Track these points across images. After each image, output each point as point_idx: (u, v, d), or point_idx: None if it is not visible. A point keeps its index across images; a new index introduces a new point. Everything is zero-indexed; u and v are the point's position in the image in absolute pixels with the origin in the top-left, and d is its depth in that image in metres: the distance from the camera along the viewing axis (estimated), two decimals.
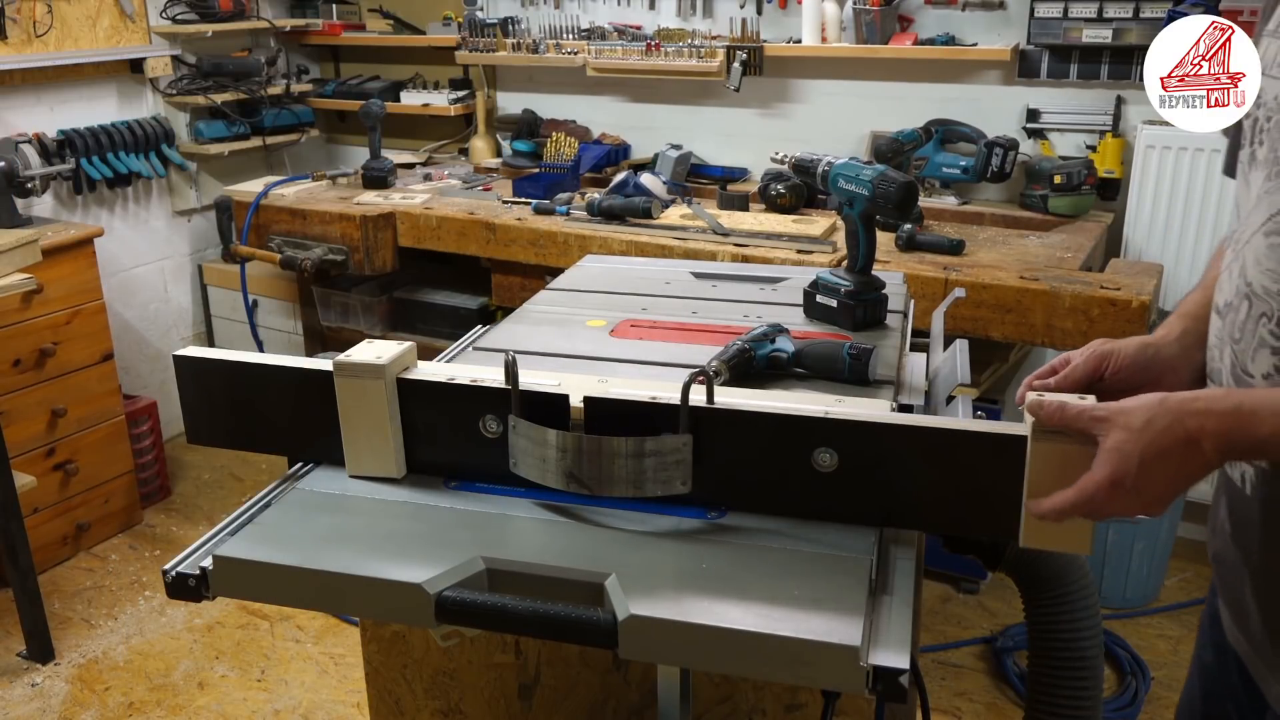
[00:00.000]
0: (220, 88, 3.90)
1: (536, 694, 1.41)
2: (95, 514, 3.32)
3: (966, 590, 2.97)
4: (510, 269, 3.16)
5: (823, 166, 1.64)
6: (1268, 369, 0.97)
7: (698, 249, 2.78)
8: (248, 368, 1.23)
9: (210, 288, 4.08)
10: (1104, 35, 2.91)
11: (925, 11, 3.21)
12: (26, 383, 3.06)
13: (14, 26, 3.30)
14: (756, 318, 1.64)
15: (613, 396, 1.12)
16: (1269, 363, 0.97)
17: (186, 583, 1.05)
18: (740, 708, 1.33)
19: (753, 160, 3.57)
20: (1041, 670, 1.27)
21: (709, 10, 3.55)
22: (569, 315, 1.70)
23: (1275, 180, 0.95)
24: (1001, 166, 2.97)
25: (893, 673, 0.87)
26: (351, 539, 1.09)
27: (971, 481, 1.03)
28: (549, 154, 3.71)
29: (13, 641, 2.82)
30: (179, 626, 2.91)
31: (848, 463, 1.05)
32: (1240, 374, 1.01)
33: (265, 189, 3.53)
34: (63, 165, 3.34)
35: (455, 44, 3.88)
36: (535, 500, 1.14)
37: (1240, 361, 1.01)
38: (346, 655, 2.76)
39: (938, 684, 2.60)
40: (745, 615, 0.92)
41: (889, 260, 2.60)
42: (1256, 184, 0.99)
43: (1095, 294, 2.35)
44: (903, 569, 1.03)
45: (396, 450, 1.19)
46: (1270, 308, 0.96)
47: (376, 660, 1.49)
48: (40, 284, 2.84)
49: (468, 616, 0.97)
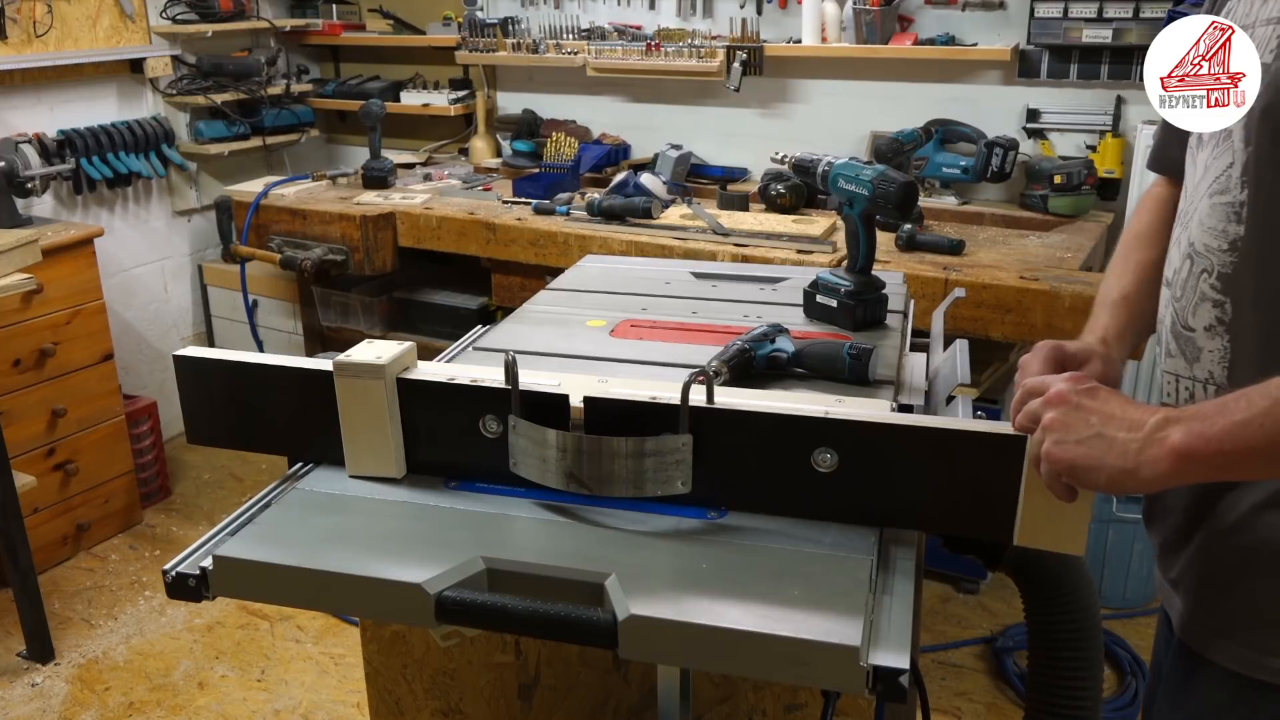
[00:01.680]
0: (220, 88, 3.91)
1: (536, 694, 1.41)
2: (95, 514, 3.32)
3: (966, 590, 2.97)
4: (510, 269, 3.16)
5: (823, 166, 1.64)
6: (1209, 320, 1.02)
7: (698, 249, 2.78)
8: (248, 368, 1.23)
9: (210, 288, 4.07)
10: (1104, 35, 2.91)
11: (925, 11, 3.21)
12: (26, 383, 3.06)
13: (14, 26, 3.29)
14: (756, 318, 1.64)
15: (613, 396, 1.12)
16: (1210, 315, 1.02)
17: (186, 583, 1.05)
18: (740, 708, 1.33)
19: (753, 160, 3.57)
20: (1041, 670, 1.27)
21: (709, 10, 3.55)
22: (569, 315, 1.70)
23: (1219, 148, 1.00)
24: (1001, 166, 2.97)
25: (893, 673, 0.87)
26: (351, 539, 1.09)
27: (971, 481, 1.03)
28: (549, 154, 3.71)
29: (13, 641, 2.82)
30: (179, 626, 2.91)
31: (848, 463, 1.05)
32: (1180, 330, 1.06)
33: (265, 189, 3.53)
34: (63, 165, 3.34)
35: (455, 44, 3.88)
36: (535, 500, 1.14)
37: (1181, 318, 1.05)
38: (346, 655, 2.76)
39: (938, 684, 2.60)
40: (745, 615, 0.92)
41: (889, 260, 2.60)
42: (1203, 160, 1.04)
43: (1095, 294, 2.34)
44: (903, 569, 1.03)
45: (396, 450, 1.19)
46: (1210, 263, 1.01)
47: (376, 660, 1.49)
48: (40, 284, 2.84)
49: (468, 616, 0.97)
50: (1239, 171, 0.97)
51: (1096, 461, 0.90)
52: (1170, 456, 0.86)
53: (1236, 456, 0.85)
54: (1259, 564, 1.00)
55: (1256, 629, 1.01)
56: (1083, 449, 0.91)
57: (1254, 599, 1.01)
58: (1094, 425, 0.91)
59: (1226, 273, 1.00)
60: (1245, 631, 1.02)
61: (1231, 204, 0.98)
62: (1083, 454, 0.91)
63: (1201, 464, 0.86)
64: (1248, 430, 0.84)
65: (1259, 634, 1.01)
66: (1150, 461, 0.87)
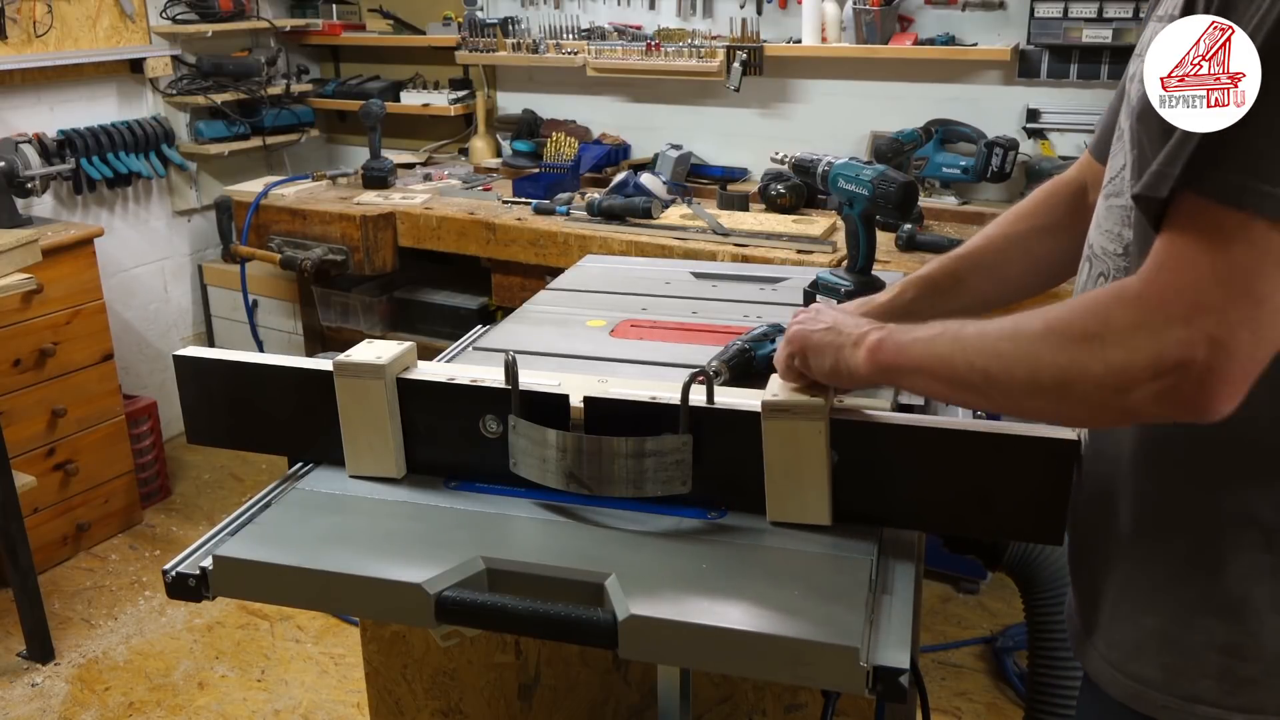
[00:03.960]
0: (220, 88, 3.90)
1: (536, 694, 1.41)
2: (95, 514, 3.32)
3: (966, 590, 2.97)
4: (510, 269, 3.16)
5: (823, 166, 1.64)
6: None
7: (698, 249, 2.78)
8: (248, 368, 1.23)
9: (210, 288, 4.07)
10: (1104, 35, 2.90)
11: (925, 11, 3.21)
12: (26, 383, 3.06)
13: (14, 26, 3.29)
14: (756, 318, 1.65)
15: (613, 396, 1.12)
16: None
17: (186, 583, 1.05)
18: (740, 708, 1.33)
19: (753, 160, 3.57)
20: (1041, 670, 1.27)
21: (709, 10, 3.55)
22: (569, 315, 1.70)
23: (1115, 147, 0.99)
24: (1001, 166, 2.97)
25: (893, 673, 0.87)
26: (351, 539, 1.09)
27: (971, 481, 1.03)
28: (549, 154, 3.70)
29: (13, 641, 2.82)
30: (179, 626, 2.91)
31: (848, 463, 1.05)
32: None
33: (265, 189, 3.53)
34: (63, 165, 3.34)
35: (455, 44, 3.87)
36: (535, 500, 1.14)
37: None
38: (346, 655, 2.76)
39: (938, 684, 2.60)
40: (745, 615, 0.92)
41: (889, 260, 2.60)
42: (1110, 159, 1.03)
43: None
44: (903, 569, 1.03)
45: (396, 450, 1.19)
46: (1106, 267, 0.99)
47: (376, 660, 1.49)
48: (40, 284, 2.84)
49: (468, 616, 0.97)
50: (1129, 174, 0.94)
51: (824, 348, 1.04)
52: (867, 355, 0.99)
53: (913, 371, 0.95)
54: (1137, 598, 0.96)
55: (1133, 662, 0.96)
56: (816, 336, 1.06)
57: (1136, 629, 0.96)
58: (828, 323, 1.07)
59: (1119, 277, 0.97)
60: (1128, 664, 0.96)
61: (1124, 207, 0.96)
62: (816, 340, 1.05)
63: (888, 369, 0.98)
64: (929, 349, 0.93)
65: (1136, 666, 0.95)
66: (854, 358, 1.00)
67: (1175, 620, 0.92)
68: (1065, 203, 1.24)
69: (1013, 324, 0.87)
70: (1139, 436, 0.94)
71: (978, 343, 0.89)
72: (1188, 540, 0.91)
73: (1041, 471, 1.00)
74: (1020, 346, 0.85)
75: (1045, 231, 1.25)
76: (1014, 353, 0.86)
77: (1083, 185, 1.24)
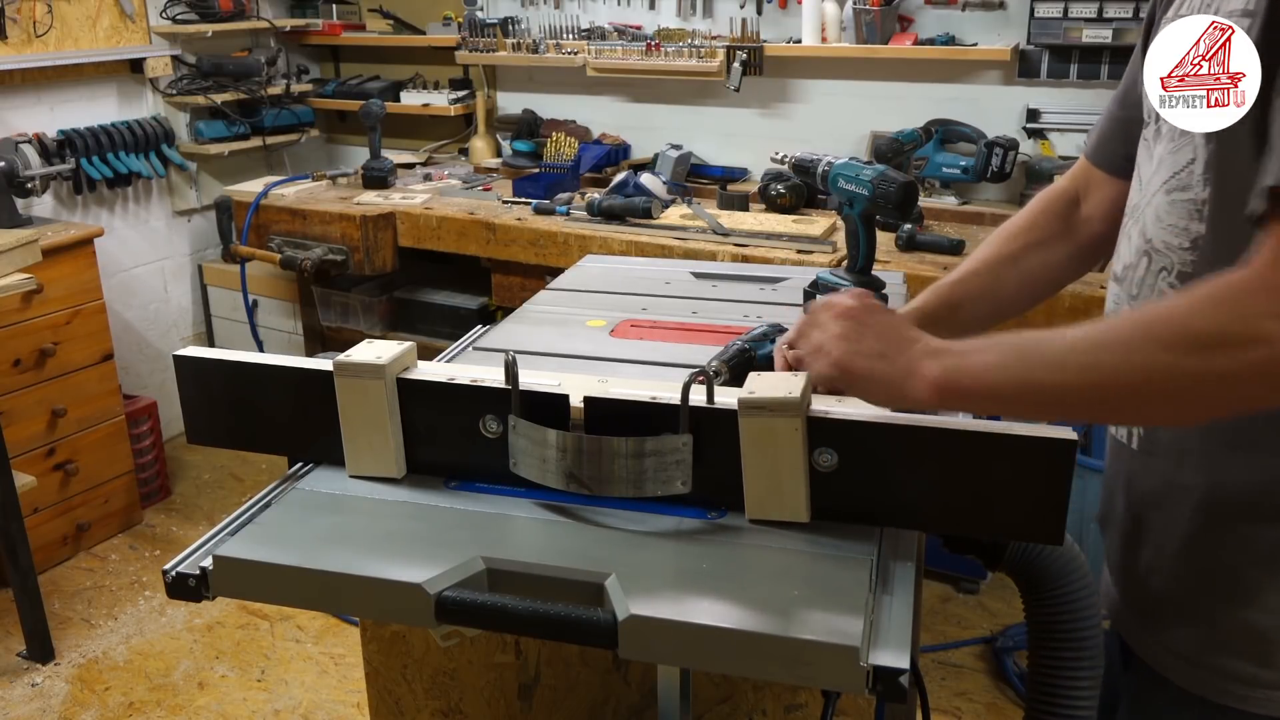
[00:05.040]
0: (220, 88, 3.91)
1: (536, 694, 1.41)
2: (95, 514, 3.32)
3: (966, 590, 2.97)
4: (510, 269, 3.16)
5: (823, 166, 1.64)
6: None
7: (698, 249, 2.78)
8: (248, 368, 1.23)
9: (210, 288, 4.08)
10: (1104, 35, 2.90)
11: (925, 11, 3.21)
12: (26, 383, 3.06)
13: (14, 26, 3.30)
14: (756, 318, 1.65)
15: (613, 396, 1.12)
16: None
17: (186, 583, 1.05)
18: (740, 708, 1.33)
19: (753, 160, 3.57)
20: (1041, 670, 1.27)
21: (709, 10, 3.55)
22: (569, 315, 1.70)
23: (1176, 143, 0.99)
24: (1001, 166, 2.97)
25: (893, 673, 0.87)
26: (351, 539, 1.09)
27: (971, 481, 1.03)
28: (549, 154, 3.71)
29: (13, 641, 2.82)
30: (179, 626, 2.91)
31: (848, 463, 1.05)
32: None
33: (265, 189, 3.53)
34: (63, 165, 3.34)
35: (455, 44, 3.88)
36: (535, 500, 1.14)
37: None
38: (346, 655, 2.76)
39: (938, 684, 2.60)
40: (745, 615, 0.92)
41: (889, 260, 2.60)
42: (1159, 153, 1.03)
43: (1095, 294, 2.35)
44: (903, 569, 1.03)
45: (396, 450, 1.19)
46: (1170, 261, 1.00)
47: (376, 660, 1.49)
48: (40, 284, 2.84)
49: (468, 616, 0.97)
50: (1201, 168, 0.95)
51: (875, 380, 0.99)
52: (932, 391, 0.94)
53: (986, 398, 0.94)
54: (1216, 588, 1.00)
55: (1218, 654, 1.00)
56: (861, 365, 0.99)
57: (1214, 623, 1.01)
58: (878, 345, 0.99)
59: (1186, 271, 0.99)
60: (1208, 656, 1.01)
61: (1193, 201, 0.97)
62: (862, 370, 0.99)
63: (961, 399, 0.96)
64: (1005, 375, 0.91)
65: (1221, 659, 1.00)
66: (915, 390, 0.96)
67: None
68: (1058, 215, 1.26)
69: (1103, 334, 0.87)
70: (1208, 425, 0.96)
71: (1066, 358, 0.88)
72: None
73: (1042, 471, 1.00)
74: (1129, 356, 0.84)
75: (1039, 246, 1.26)
76: (1122, 363, 0.85)
77: (1075, 194, 1.25)
